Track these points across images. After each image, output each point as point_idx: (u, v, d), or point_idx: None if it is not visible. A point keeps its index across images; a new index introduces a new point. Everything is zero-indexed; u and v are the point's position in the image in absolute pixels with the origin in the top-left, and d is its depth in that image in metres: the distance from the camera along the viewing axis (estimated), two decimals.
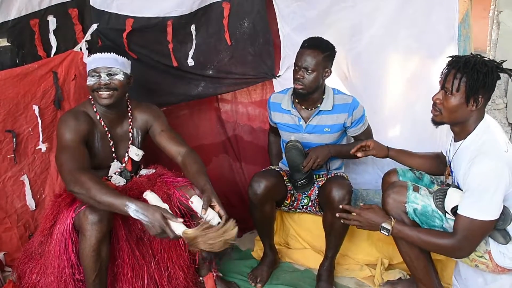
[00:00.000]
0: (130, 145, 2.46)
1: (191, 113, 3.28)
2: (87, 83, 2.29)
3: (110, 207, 1.97)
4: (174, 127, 3.12)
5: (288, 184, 2.70)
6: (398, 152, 2.49)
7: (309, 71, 2.50)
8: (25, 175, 2.58)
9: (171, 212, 2.01)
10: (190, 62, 2.96)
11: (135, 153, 2.46)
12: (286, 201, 2.72)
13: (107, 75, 2.27)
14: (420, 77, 2.89)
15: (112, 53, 2.30)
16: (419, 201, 2.15)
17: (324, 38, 2.60)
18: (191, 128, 3.34)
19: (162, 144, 2.45)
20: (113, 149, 2.41)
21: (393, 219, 2.14)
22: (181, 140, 2.47)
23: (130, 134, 2.45)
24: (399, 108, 3.01)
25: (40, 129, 2.55)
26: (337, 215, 2.29)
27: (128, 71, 2.37)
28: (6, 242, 2.58)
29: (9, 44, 2.44)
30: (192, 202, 2.13)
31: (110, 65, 2.28)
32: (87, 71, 2.30)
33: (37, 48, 2.54)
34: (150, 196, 2.09)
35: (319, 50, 2.51)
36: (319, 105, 2.65)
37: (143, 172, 2.55)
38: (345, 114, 2.64)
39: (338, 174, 2.74)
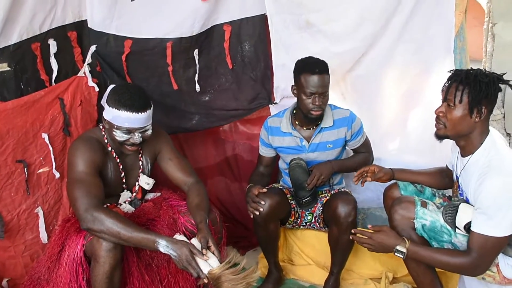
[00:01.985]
0: (141, 174, 2.44)
1: (186, 136, 3.28)
2: (115, 136, 2.21)
3: (139, 244, 2.00)
4: None
5: (292, 201, 2.72)
6: (402, 172, 2.52)
7: (326, 95, 2.55)
8: (39, 207, 2.52)
9: (199, 249, 2.02)
10: (198, 88, 2.96)
11: (145, 181, 2.45)
12: (290, 219, 2.74)
13: (141, 132, 2.23)
14: (417, 91, 2.93)
15: (147, 111, 2.21)
16: (427, 216, 2.17)
17: (322, 59, 2.60)
18: (186, 152, 3.35)
19: (169, 172, 2.46)
20: (123, 179, 2.39)
21: (407, 241, 2.14)
22: (188, 168, 2.47)
23: (140, 163, 2.44)
24: (397, 123, 3.05)
25: (53, 156, 2.50)
26: (351, 237, 2.31)
27: None
28: (9, 269, 2.52)
29: (10, 68, 2.40)
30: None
31: (145, 124, 2.23)
32: (115, 124, 2.18)
33: (39, 72, 2.52)
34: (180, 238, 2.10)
35: (326, 73, 2.55)
36: (319, 122, 2.67)
37: (149, 196, 2.54)
38: (344, 128, 2.68)
39: (342, 189, 2.77)
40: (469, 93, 2.01)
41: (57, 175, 2.53)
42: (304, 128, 2.71)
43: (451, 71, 2.13)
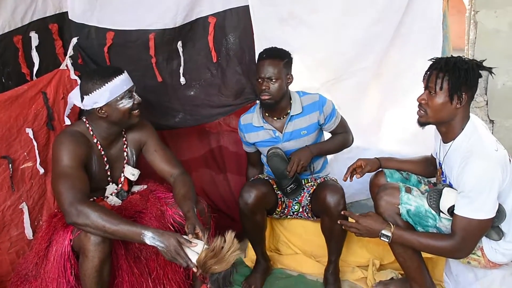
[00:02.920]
0: (126, 165, 2.42)
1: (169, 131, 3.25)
2: (125, 107, 2.23)
3: (125, 236, 1.98)
4: None
5: (278, 192, 2.73)
6: (389, 160, 2.56)
7: (273, 80, 2.55)
8: (24, 202, 2.48)
9: (186, 238, 2.01)
10: (183, 80, 2.92)
11: (130, 172, 2.43)
12: (278, 209, 2.75)
13: (135, 92, 2.29)
14: (400, 80, 2.98)
15: (125, 72, 2.27)
16: (412, 202, 2.21)
17: (280, 47, 2.63)
18: (169, 143, 3.28)
19: (154, 164, 2.45)
20: (108, 172, 2.37)
21: (392, 226, 2.19)
22: (174, 160, 2.46)
23: (125, 154, 2.42)
24: (381, 113, 3.12)
25: (37, 151, 2.47)
26: (338, 222, 2.34)
27: None
28: None
29: None
30: None
31: (132, 82, 2.29)
32: (117, 96, 2.20)
33: (21, 66, 2.48)
34: None
35: (279, 58, 2.57)
36: (289, 111, 2.68)
37: (136, 188, 2.53)
38: (316, 113, 2.68)
39: (327, 177, 2.78)
40: (449, 80, 2.05)
41: (42, 170, 2.50)
42: (275, 119, 2.71)
43: (432, 59, 2.17)
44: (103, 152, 2.33)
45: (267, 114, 2.71)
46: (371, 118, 3.18)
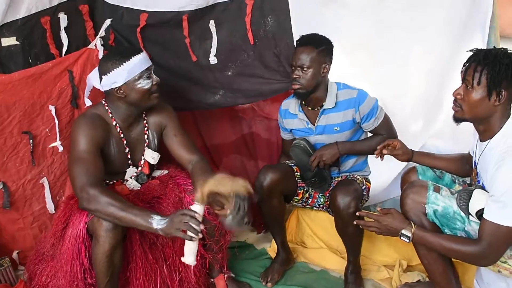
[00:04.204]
0: (146, 148, 2.40)
1: (200, 113, 3.21)
2: (144, 87, 2.20)
3: (132, 222, 1.95)
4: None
5: (300, 180, 2.64)
6: (422, 155, 2.40)
7: (305, 69, 2.44)
8: (45, 177, 2.55)
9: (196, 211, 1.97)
10: (213, 60, 2.84)
11: (151, 156, 2.41)
12: (297, 197, 2.66)
13: (153, 72, 2.26)
14: (445, 71, 2.78)
15: (143, 52, 2.24)
16: (440, 202, 2.06)
17: (319, 34, 2.50)
18: (200, 127, 3.30)
19: (173, 149, 2.40)
20: (128, 155, 2.35)
21: (413, 225, 2.06)
22: (193, 146, 2.41)
23: (146, 137, 2.39)
24: (422, 104, 2.92)
25: (57, 129, 2.51)
26: (354, 222, 2.23)
27: None
28: (19, 241, 2.58)
29: (18, 43, 2.39)
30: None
31: (150, 62, 2.26)
32: (135, 76, 2.18)
33: (49, 46, 2.50)
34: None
35: (313, 46, 2.44)
36: (323, 103, 2.56)
37: (156, 173, 2.51)
38: (351, 110, 2.54)
39: (351, 176, 2.65)
40: (487, 74, 1.88)
41: (61, 148, 2.54)
42: (309, 109, 2.61)
43: (472, 50, 1.99)
44: (122, 135, 2.31)
45: (303, 103, 2.61)
46: (410, 107, 2.99)
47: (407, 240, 2.05)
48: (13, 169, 2.44)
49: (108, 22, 2.63)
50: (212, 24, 2.78)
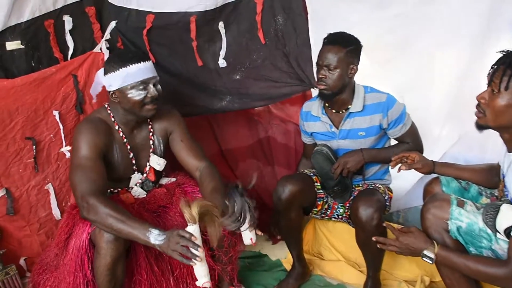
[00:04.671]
0: (151, 154, 2.30)
1: (215, 115, 3.10)
2: (134, 98, 2.09)
3: (130, 235, 1.85)
4: (196, 130, 2.93)
5: (320, 191, 2.49)
6: (445, 166, 2.21)
7: (332, 69, 2.29)
8: (50, 183, 2.51)
9: (193, 234, 1.84)
10: (222, 63, 2.75)
11: (156, 162, 2.31)
12: (316, 209, 2.51)
13: (153, 85, 2.11)
14: (475, 73, 2.57)
15: (147, 61, 2.12)
16: (464, 218, 1.88)
17: (347, 33, 2.35)
18: (215, 131, 3.20)
19: (180, 155, 2.30)
20: (133, 161, 2.26)
21: (436, 245, 1.89)
22: (200, 152, 2.30)
23: (151, 142, 2.29)
24: (449, 108, 2.75)
25: (63, 135, 2.47)
26: (373, 239, 2.07)
27: None
28: (26, 247, 2.54)
29: (23, 46, 2.35)
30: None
31: (153, 74, 2.13)
32: (128, 85, 2.07)
33: (53, 50, 2.45)
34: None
35: (341, 45, 2.29)
36: (349, 106, 2.41)
37: (163, 181, 2.41)
38: (379, 115, 2.38)
39: (373, 185, 2.49)
40: None
41: (68, 154, 2.49)
42: (334, 111, 2.46)
43: (502, 52, 1.81)
44: (125, 139, 2.22)
45: (327, 105, 2.47)
46: (435, 109, 2.81)
47: (430, 262, 1.89)
48: (17, 175, 2.41)
49: (113, 24, 2.56)
50: (221, 26, 2.69)
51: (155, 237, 1.81)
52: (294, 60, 2.74)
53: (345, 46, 2.29)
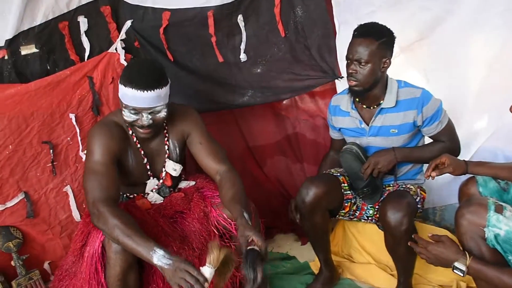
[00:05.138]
0: (167, 159, 2.21)
1: (241, 110, 2.99)
2: (125, 117, 1.99)
3: (134, 250, 1.76)
4: (222, 126, 2.86)
5: (348, 192, 2.36)
6: (479, 165, 2.03)
7: (363, 64, 2.13)
8: (68, 186, 2.49)
9: (206, 277, 1.71)
10: (243, 57, 2.67)
11: (172, 167, 2.21)
12: (343, 211, 2.38)
13: (150, 113, 1.98)
14: None
15: (155, 89, 1.94)
16: (502, 225, 1.72)
17: (380, 23, 2.19)
18: (242, 127, 3.10)
19: (199, 158, 2.19)
20: (147, 166, 2.18)
21: (468, 257, 1.74)
22: (221, 154, 2.17)
23: (166, 147, 2.20)
24: (488, 101, 2.54)
25: (79, 138, 2.43)
26: (408, 243, 1.94)
27: (168, 94, 2.06)
28: (50, 251, 2.53)
29: (37, 50, 2.31)
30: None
31: (153, 104, 1.97)
32: (123, 102, 1.97)
33: (68, 52, 2.40)
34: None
35: (373, 38, 2.12)
36: (381, 102, 2.26)
37: (183, 184, 2.32)
38: (413, 111, 2.22)
39: (404, 186, 2.33)
40: None
41: (84, 157, 2.44)
42: (364, 107, 2.31)
43: None
44: (139, 145, 2.14)
45: (357, 100, 2.33)
46: (472, 97, 2.61)
47: (461, 274, 1.75)
48: (34, 178, 2.39)
49: (128, 23, 2.50)
50: (240, 19, 2.60)
51: (158, 257, 1.72)
52: (317, 52, 2.65)
53: (378, 38, 2.13)
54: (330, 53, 2.63)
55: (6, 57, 2.25)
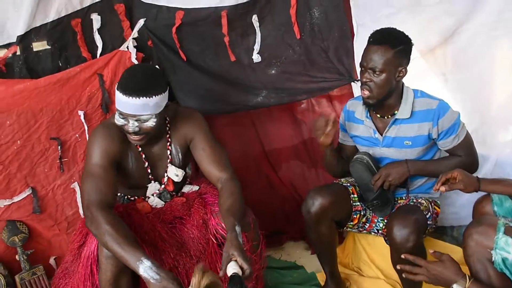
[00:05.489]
0: (169, 164, 2.17)
1: (258, 112, 2.94)
2: (115, 120, 1.95)
3: (121, 258, 1.75)
4: (238, 128, 2.80)
5: (357, 203, 2.27)
6: (493, 183, 1.91)
7: (377, 72, 2.04)
8: (76, 182, 2.49)
9: None
10: (257, 58, 2.62)
11: (174, 173, 2.17)
12: (351, 223, 2.29)
13: (136, 120, 1.92)
14: None
15: (141, 97, 1.87)
16: (511, 248, 1.62)
17: (397, 29, 2.09)
18: (258, 130, 3.05)
19: (201, 164, 2.14)
20: (149, 170, 2.14)
21: (468, 280, 1.65)
22: (223, 161, 2.11)
23: (169, 152, 2.16)
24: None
25: (87, 135, 2.43)
26: (397, 267, 1.85)
27: (164, 105, 1.96)
28: (55, 247, 2.54)
29: (49, 47, 2.32)
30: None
31: (138, 112, 1.90)
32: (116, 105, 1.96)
33: (81, 49, 2.40)
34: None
35: (388, 46, 2.02)
36: (396, 111, 2.16)
37: (186, 189, 2.29)
38: (428, 123, 2.12)
39: (414, 200, 2.22)
40: None
41: None
42: (379, 116, 2.22)
43: None
44: (140, 149, 2.10)
45: (372, 108, 2.24)
46: (496, 106, 2.48)
47: None
48: (42, 174, 2.41)
49: (141, 22, 2.48)
50: (255, 19, 2.56)
51: (145, 268, 1.69)
52: (334, 54, 2.59)
53: (394, 46, 2.03)
54: (348, 55, 2.56)
55: (17, 53, 2.27)
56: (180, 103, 2.62)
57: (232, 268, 1.68)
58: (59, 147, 2.38)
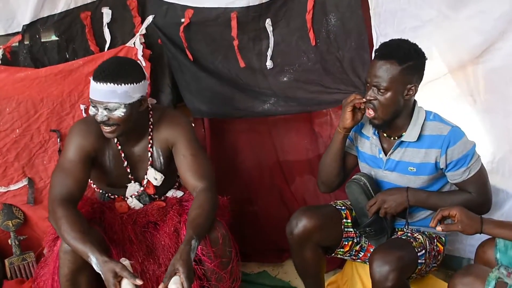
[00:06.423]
0: (149, 167, 2.10)
1: (275, 121, 2.81)
2: (89, 111, 1.96)
3: (76, 252, 1.77)
4: (254, 135, 2.78)
5: (350, 229, 2.09)
6: (500, 226, 1.68)
7: (382, 90, 1.83)
8: None
9: (130, 271, 1.70)
10: (270, 64, 2.49)
11: (153, 176, 2.10)
12: (342, 249, 2.10)
13: (105, 109, 1.88)
14: None
15: (108, 83, 1.84)
16: None
17: (408, 42, 1.88)
18: (274, 140, 2.91)
19: (180, 171, 2.07)
20: (128, 170, 2.10)
21: None
22: (202, 171, 2.02)
23: (149, 154, 2.09)
24: None
25: None
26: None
27: (136, 97, 1.91)
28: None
29: (57, 38, 2.34)
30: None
31: (105, 99, 1.86)
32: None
33: (89, 43, 2.40)
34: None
35: (395, 61, 1.81)
36: (403, 133, 1.94)
37: (170, 193, 2.22)
38: (436, 151, 1.89)
39: (410, 234, 1.99)
40: None
41: None
42: (385, 135, 2.01)
43: None
44: (119, 147, 2.06)
45: None
46: None
47: None
48: (41, 166, 2.43)
49: (149, 19, 2.42)
50: (268, 23, 2.42)
51: (95, 264, 1.72)
52: (349, 65, 2.41)
53: (401, 62, 1.82)
54: (364, 67, 2.35)
55: (26, 42, 2.31)
56: (186, 103, 2.57)
57: (173, 284, 1.63)
58: (58, 139, 2.39)
